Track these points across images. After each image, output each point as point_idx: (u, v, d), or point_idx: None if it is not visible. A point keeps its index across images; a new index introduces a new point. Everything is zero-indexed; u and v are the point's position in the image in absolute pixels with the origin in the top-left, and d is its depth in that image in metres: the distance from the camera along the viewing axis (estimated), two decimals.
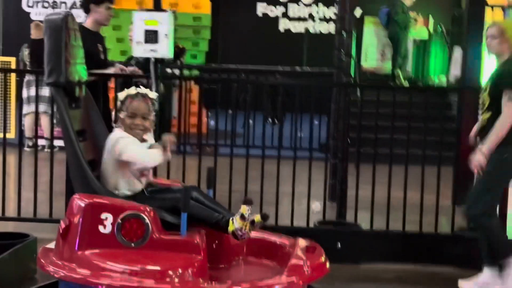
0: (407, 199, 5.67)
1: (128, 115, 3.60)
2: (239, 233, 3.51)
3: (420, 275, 5.27)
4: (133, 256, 3.28)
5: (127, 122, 3.60)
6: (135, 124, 3.60)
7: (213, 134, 6.52)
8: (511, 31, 4.72)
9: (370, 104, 6.10)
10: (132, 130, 3.61)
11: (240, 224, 3.49)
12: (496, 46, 4.74)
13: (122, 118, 3.60)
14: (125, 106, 3.59)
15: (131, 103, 3.60)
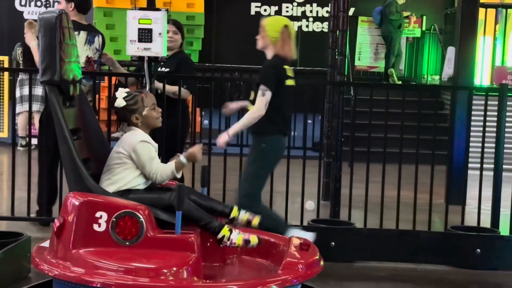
0: (401, 198, 5.69)
1: (151, 108, 3.68)
2: (226, 243, 3.54)
3: (414, 274, 5.28)
4: (128, 255, 3.28)
5: (154, 114, 3.68)
6: (158, 112, 3.72)
7: (206, 133, 6.51)
8: (270, 29, 4.81)
9: (364, 102, 6.12)
10: (158, 121, 3.71)
11: (238, 242, 3.53)
12: (259, 40, 4.88)
13: (145, 115, 3.64)
14: (144, 103, 3.65)
15: (147, 97, 3.69)
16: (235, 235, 3.53)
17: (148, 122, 3.68)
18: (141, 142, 3.58)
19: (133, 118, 3.64)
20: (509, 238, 5.55)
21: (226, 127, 6.53)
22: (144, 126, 3.68)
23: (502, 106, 5.80)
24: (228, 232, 3.53)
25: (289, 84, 4.92)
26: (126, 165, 3.56)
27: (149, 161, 3.56)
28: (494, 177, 5.84)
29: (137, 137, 3.61)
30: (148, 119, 3.67)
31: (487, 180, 5.81)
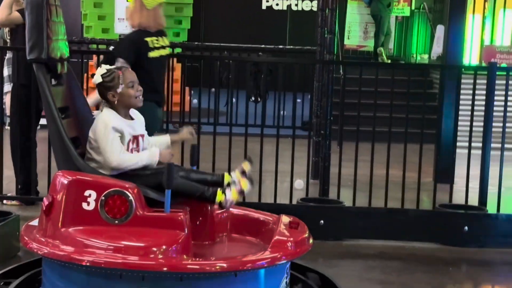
0: (389, 176, 5.71)
1: (128, 85, 3.58)
2: (227, 206, 3.54)
3: (402, 251, 5.32)
4: (117, 233, 3.28)
5: (130, 93, 3.57)
6: (138, 90, 3.62)
7: (196, 113, 6.49)
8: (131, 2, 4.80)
9: (353, 81, 6.12)
10: (137, 100, 3.61)
11: (234, 198, 3.52)
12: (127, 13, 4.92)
13: (120, 93, 3.57)
14: (120, 80, 3.56)
15: (124, 74, 3.59)
16: (229, 194, 3.53)
17: (125, 100, 3.57)
18: (101, 127, 3.49)
19: (110, 95, 3.56)
20: (496, 216, 5.59)
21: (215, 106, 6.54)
22: (121, 104, 3.57)
23: (491, 85, 5.82)
24: (223, 195, 3.53)
25: (153, 56, 4.88)
26: (98, 149, 3.52)
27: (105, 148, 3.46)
28: (482, 155, 5.87)
29: (101, 120, 3.53)
30: (124, 97, 3.56)
31: (475, 159, 5.84)
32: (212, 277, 3.22)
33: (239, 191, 3.55)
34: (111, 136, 3.47)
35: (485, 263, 5.16)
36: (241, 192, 3.56)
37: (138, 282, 3.15)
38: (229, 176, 3.67)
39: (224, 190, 3.55)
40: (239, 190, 3.55)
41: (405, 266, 4.94)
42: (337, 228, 5.50)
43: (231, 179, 3.65)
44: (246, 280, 3.32)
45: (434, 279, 4.69)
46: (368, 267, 4.92)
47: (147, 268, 3.13)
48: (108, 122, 3.50)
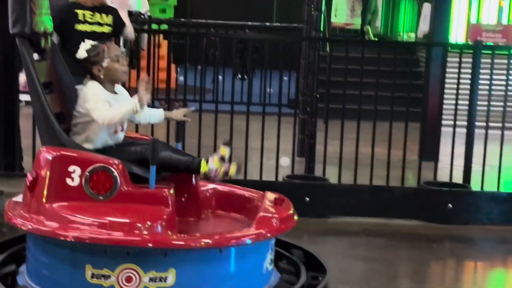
0: (375, 154, 5.73)
1: (113, 60, 3.56)
2: (212, 174, 3.51)
3: (387, 228, 5.36)
4: (102, 209, 3.28)
5: (115, 67, 3.56)
6: (123, 64, 3.60)
7: (182, 90, 6.47)
8: None
9: (339, 59, 6.10)
10: (123, 74, 3.59)
11: (216, 165, 3.50)
12: None
13: (106, 67, 3.55)
14: (105, 54, 3.54)
15: (109, 48, 3.57)
16: (212, 163, 3.52)
17: (110, 75, 3.56)
18: (91, 93, 3.48)
19: (95, 70, 3.55)
20: (480, 194, 5.64)
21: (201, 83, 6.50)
22: (107, 79, 3.56)
23: (476, 63, 5.83)
24: (206, 166, 3.52)
25: (81, 29, 4.86)
26: (86, 122, 3.49)
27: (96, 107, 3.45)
28: (467, 134, 5.90)
29: (89, 90, 3.52)
30: (110, 71, 3.55)
31: (460, 137, 5.87)
32: (197, 253, 3.22)
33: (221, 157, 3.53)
34: (99, 99, 3.46)
35: (468, 240, 5.21)
36: (226, 173, 3.54)
37: (123, 258, 3.15)
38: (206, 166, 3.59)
39: (207, 159, 3.53)
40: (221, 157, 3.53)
41: (389, 243, 4.98)
42: (322, 205, 5.52)
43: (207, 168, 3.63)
44: (231, 256, 3.34)
45: (418, 255, 4.74)
46: (352, 243, 4.95)
47: (131, 244, 3.13)
48: (97, 90, 3.51)
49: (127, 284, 3.16)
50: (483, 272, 4.71)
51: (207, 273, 3.26)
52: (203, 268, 3.25)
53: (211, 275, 3.27)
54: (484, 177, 5.72)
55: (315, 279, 3.64)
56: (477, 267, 4.75)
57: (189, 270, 3.22)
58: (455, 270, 4.65)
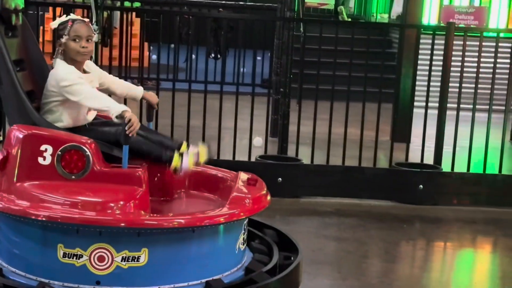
0: (348, 135, 5.77)
1: (71, 38, 3.45)
2: (181, 172, 3.50)
3: (358, 209, 5.41)
4: (74, 188, 3.25)
5: (71, 46, 3.45)
6: (82, 46, 3.46)
7: (155, 68, 6.42)
8: None
9: (313, 39, 6.11)
10: (78, 55, 3.47)
11: (190, 166, 3.49)
12: None
13: (64, 43, 3.48)
14: (66, 30, 3.46)
15: (72, 26, 3.47)
16: (186, 162, 3.50)
17: (67, 52, 3.45)
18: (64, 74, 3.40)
19: (58, 44, 3.49)
20: (450, 175, 5.71)
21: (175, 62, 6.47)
22: (66, 56, 3.46)
23: (448, 45, 5.88)
24: (179, 161, 3.50)
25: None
26: (58, 102, 3.44)
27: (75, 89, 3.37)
28: (439, 115, 5.96)
29: (60, 68, 3.44)
30: (67, 48, 3.44)
31: (432, 119, 5.92)
32: (169, 233, 3.22)
33: (196, 161, 3.52)
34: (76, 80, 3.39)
35: (438, 220, 5.28)
36: (197, 163, 3.53)
37: (95, 237, 3.14)
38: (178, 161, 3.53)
39: (181, 155, 3.52)
40: (197, 162, 3.52)
41: (360, 223, 5.03)
42: (295, 186, 5.55)
43: (186, 150, 3.62)
44: (204, 236, 3.33)
45: (389, 235, 4.79)
46: (324, 224, 4.99)
47: (104, 224, 3.11)
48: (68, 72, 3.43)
49: (99, 264, 3.15)
50: (452, 252, 4.78)
51: (180, 253, 3.26)
52: (175, 248, 3.25)
53: (184, 255, 3.27)
54: (454, 158, 5.79)
55: (287, 258, 3.66)
56: (447, 247, 4.81)
57: (161, 250, 3.22)
58: (425, 250, 4.71)
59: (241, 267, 3.51)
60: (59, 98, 3.44)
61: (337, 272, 4.03)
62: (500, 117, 6.28)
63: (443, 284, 4.08)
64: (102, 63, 6.77)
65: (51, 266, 3.19)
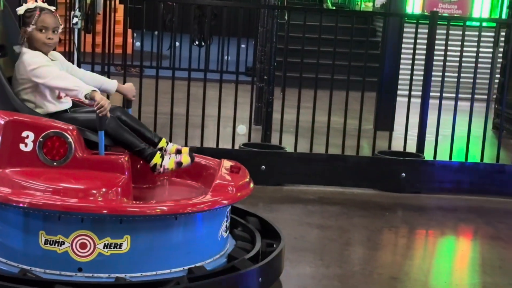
0: (331, 123, 5.78)
1: (37, 28, 3.42)
2: (160, 171, 3.49)
3: (341, 197, 5.43)
4: (56, 175, 3.24)
5: (37, 36, 3.43)
6: (49, 38, 3.44)
7: (138, 56, 6.39)
8: None
9: (297, 28, 6.10)
10: (43, 45, 3.44)
11: (170, 167, 3.48)
12: None
13: (29, 32, 3.44)
14: (33, 19, 3.42)
15: (40, 16, 3.43)
16: (167, 160, 3.50)
17: (32, 42, 3.44)
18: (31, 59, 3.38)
19: (22, 30, 3.46)
20: (432, 163, 5.74)
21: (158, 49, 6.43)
22: (30, 45, 3.45)
23: (432, 34, 5.89)
24: (160, 159, 3.49)
25: None
26: (29, 88, 3.42)
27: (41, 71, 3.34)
28: (422, 104, 5.99)
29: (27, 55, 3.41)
30: (32, 38, 3.43)
31: (415, 107, 5.95)
32: (152, 220, 3.22)
33: (178, 162, 3.51)
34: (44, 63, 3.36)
35: (420, 208, 5.31)
36: (179, 163, 3.52)
37: (77, 224, 3.13)
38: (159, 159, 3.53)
39: (163, 154, 3.51)
40: (178, 162, 3.51)
41: (343, 211, 5.05)
42: (278, 173, 5.56)
43: (166, 145, 3.61)
44: (186, 224, 3.34)
45: (371, 223, 4.81)
46: (307, 211, 5.00)
47: (86, 211, 3.11)
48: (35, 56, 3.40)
49: (81, 251, 3.15)
50: (434, 239, 4.81)
51: (162, 240, 3.26)
52: (158, 235, 3.25)
53: (166, 242, 3.27)
54: (437, 146, 5.82)
55: (270, 246, 3.67)
56: (428, 234, 4.85)
57: (144, 237, 3.22)
58: (407, 238, 4.74)
59: (224, 254, 3.52)
60: (29, 84, 3.41)
61: (319, 259, 4.05)
62: (482, 106, 6.32)
63: (425, 271, 4.11)
64: (85, 49, 6.73)
65: (33, 253, 3.18)
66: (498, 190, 5.66)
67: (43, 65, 3.37)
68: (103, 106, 3.27)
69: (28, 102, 3.44)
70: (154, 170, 3.50)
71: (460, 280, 4.04)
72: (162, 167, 3.49)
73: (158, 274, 3.23)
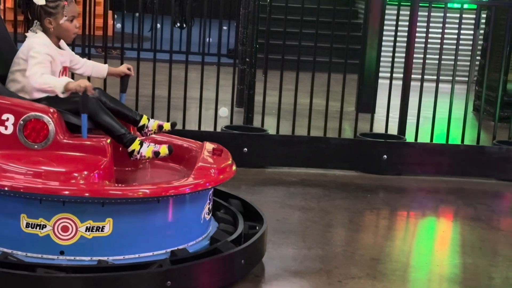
0: (313, 105, 5.78)
1: (69, 19, 3.46)
2: (137, 157, 3.49)
3: (323, 178, 5.45)
4: (37, 158, 3.21)
5: (68, 27, 3.47)
6: (76, 26, 3.52)
7: (119, 37, 6.34)
8: None
9: (279, 10, 6.08)
10: (70, 36, 3.51)
11: (147, 155, 3.48)
12: None
13: (59, 23, 3.44)
14: (63, 10, 3.44)
15: (69, 6, 3.47)
16: (145, 148, 3.49)
17: (60, 32, 3.48)
18: (37, 46, 3.37)
19: (47, 21, 3.45)
20: (414, 145, 5.77)
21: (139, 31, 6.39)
22: (55, 34, 3.47)
23: (413, 16, 5.91)
24: (139, 146, 3.48)
25: None
26: (23, 71, 3.39)
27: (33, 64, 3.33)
28: (403, 86, 6.01)
29: (37, 41, 3.40)
30: (61, 29, 3.46)
31: (396, 89, 5.97)
32: (134, 203, 3.21)
33: (155, 152, 3.50)
34: (42, 56, 3.36)
35: (402, 190, 5.35)
36: (156, 153, 3.51)
37: (59, 207, 3.11)
38: (147, 119, 3.62)
39: (142, 142, 3.50)
40: (155, 151, 3.50)
41: (325, 193, 5.07)
42: (260, 156, 5.56)
43: (147, 122, 3.61)
44: (169, 206, 3.34)
45: (353, 205, 4.84)
46: (289, 193, 5.02)
47: (68, 194, 3.09)
48: (44, 44, 3.40)
49: (63, 234, 3.14)
50: (415, 221, 4.85)
51: (145, 223, 3.26)
52: (140, 218, 3.24)
53: (149, 225, 3.27)
54: (418, 129, 5.86)
55: (252, 228, 3.68)
56: (410, 216, 4.89)
57: (126, 220, 3.21)
58: (388, 219, 4.77)
59: (206, 237, 3.53)
60: (24, 67, 3.39)
61: (301, 241, 4.07)
62: (463, 88, 6.36)
63: (406, 253, 4.15)
64: None
65: (14, 236, 3.17)
66: (478, 172, 5.71)
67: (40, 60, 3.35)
68: (86, 87, 3.26)
69: (19, 84, 3.41)
70: (131, 156, 3.50)
71: (440, 261, 4.08)
72: (139, 154, 3.48)
73: (141, 257, 3.24)
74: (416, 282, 3.68)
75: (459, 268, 3.91)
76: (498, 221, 4.78)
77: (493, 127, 6.03)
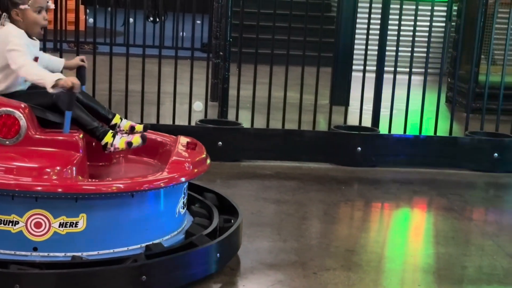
0: (287, 99, 5.79)
1: (34, 9, 3.39)
2: (111, 149, 3.47)
3: (298, 171, 5.47)
4: (8, 154, 3.17)
5: (34, 18, 3.39)
6: (44, 18, 3.43)
7: (91, 32, 6.29)
8: None
9: (252, 3, 6.08)
10: (36, 27, 3.42)
11: (121, 147, 3.46)
12: None
13: (24, 13, 3.38)
14: (28, 1, 3.36)
15: None
16: (118, 140, 3.47)
17: (27, 24, 3.40)
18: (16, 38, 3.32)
19: (14, 13, 3.39)
20: (387, 137, 5.82)
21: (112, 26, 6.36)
22: (23, 26, 3.40)
23: (386, 8, 5.94)
24: (112, 138, 3.46)
25: None
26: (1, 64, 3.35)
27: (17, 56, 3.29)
28: (376, 79, 6.05)
29: (10, 31, 3.35)
30: (28, 20, 3.38)
31: (370, 82, 6.01)
32: (108, 198, 3.19)
33: (128, 142, 3.48)
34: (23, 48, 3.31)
35: (376, 182, 5.39)
36: (129, 143, 3.49)
37: (31, 204, 3.09)
38: (119, 119, 3.60)
39: (115, 134, 3.48)
40: (128, 142, 3.48)
41: (300, 186, 5.09)
42: (235, 149, 5.57)
43: (120, 121, 3.60)
44: (143, 201, 3.32)
45: (328, 197, 4.87)
46: (264, 186, 5.03)
47: (40, 190, 3.07)
48: (20, 36, 3.34)
49: (36, 230, 3.11)
50: (390, 212, 4.89)
51: (119, 218, 3.24)
52: (114, 213, 3.23)
53: (123, 220, 3.25)
54: (391, 120, 5.90)
55: (227, 221, 3.68)
56: (384, 207, 4.92)
57: (100, 215, 3.19)
58: (363, 211, 4.81)
59: (182, 231, 3.52)
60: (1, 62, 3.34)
61: (277, 234, 4.08)
62: (435, 80, 6.41)
63: (380, 244, 4.18)
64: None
65: None
66: (451, 163, 5.77)
67: (23, 51, 3.29)
68: (74, 86, 3.24)
69: None
70: (105, 149, 3.48)
71: (415, 251, 4.12)
72: (113, 146, 3.46)
73: (116, 252, 3.22)
74: (391, 273, 3.72)
75: (433, 258, 3.95)
76: (470, 211, 4.84)
77: (465, 118, 6.09)
